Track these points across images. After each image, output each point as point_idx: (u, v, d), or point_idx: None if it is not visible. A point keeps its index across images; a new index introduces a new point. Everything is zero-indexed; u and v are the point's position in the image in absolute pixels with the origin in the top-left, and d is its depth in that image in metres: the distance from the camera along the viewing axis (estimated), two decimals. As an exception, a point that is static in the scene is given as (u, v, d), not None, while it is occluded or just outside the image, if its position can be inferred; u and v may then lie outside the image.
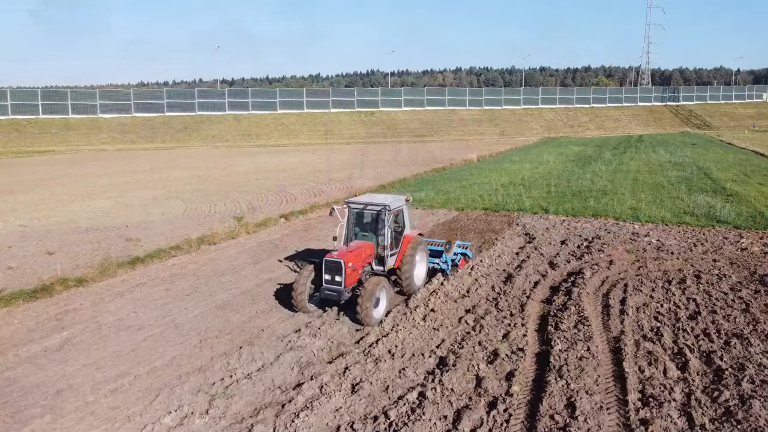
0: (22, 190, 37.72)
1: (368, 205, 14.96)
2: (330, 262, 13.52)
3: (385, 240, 14.65)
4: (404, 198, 15.71)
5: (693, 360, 11.03)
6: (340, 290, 13.46)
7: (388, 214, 14.50)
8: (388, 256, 14.78)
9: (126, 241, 22.19)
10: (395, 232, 15.26)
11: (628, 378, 10.31)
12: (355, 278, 13.89)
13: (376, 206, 14.75)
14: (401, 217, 15.53)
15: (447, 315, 13.89)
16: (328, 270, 13.56)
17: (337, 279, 13.45)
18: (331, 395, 9.88)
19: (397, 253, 15.11)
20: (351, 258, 13.65)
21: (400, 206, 15.25)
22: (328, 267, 13.57)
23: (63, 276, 16.96)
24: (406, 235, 15.45)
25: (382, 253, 14.76)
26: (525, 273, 17.11)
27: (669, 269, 17.49)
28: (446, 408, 9.46)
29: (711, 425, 8.87)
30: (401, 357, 11.53)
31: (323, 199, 32.26)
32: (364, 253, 14.25)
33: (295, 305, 13.90)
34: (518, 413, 9.35)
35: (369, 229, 15.23)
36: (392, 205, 14.67)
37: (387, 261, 14.81)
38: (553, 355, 11.26)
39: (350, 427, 9.00)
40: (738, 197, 29.59)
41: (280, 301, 15.32)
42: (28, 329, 13.48)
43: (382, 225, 14.65)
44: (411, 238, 15.41)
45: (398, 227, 15.48)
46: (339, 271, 13.39)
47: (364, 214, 15.33)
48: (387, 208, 14.45)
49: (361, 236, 15.21)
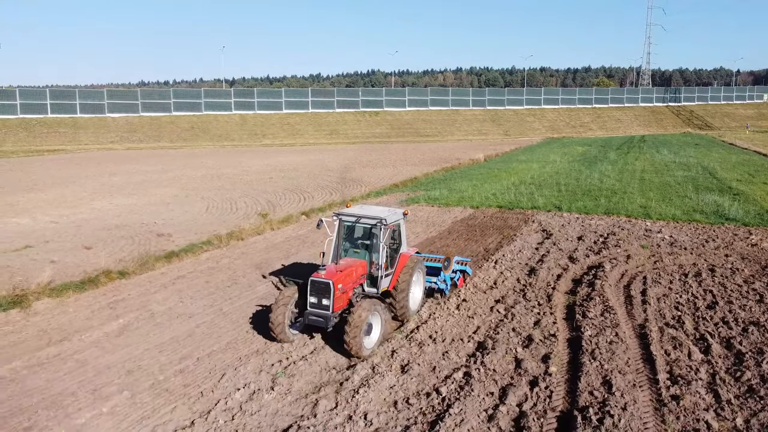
0: (41, 188, 38.49)
1: (361, 218, 13.14)
2: (317, 283, 11.86)
3: (380, 258, 13.00)
4: (402, 212, 14.10)
5: (714, 345, 11.86)
6: (327, 315, 11.74)
7: (384, 229, 12.75)
8: (382, 277, 13.12)
9: (157, 236, 23.00)
10: (390, 249, 13.58)
11: (656, 360, 11.14)
12: (345, 301, 12.23)
13: (371, 220, 12.97)
14: (398, 233, 13.83)
15: (479, 305, 14.72)
16: (315, 292, 11.90)
17: (325, 302, 11.80)
18: (384, 375, 10.71)
19: (393, 273, 13.48)
20: (341, 278, 12.00)
21: (397, 220, 13.58)
22: (314, 288, 11.90)
23: (107, 269, 17.78)
24: (403, 253, 13.78)
25: (376, 273, 13.11)
26: (547, 266, 17.96)
27: (684, 263, 18.33)
28: (492, 385, 10.30)
29: (736, 401, 9.70)
30: (442, 342, 12.36)
31: (339, 197, 33.09)
32: (355, 272, 12.61)
33: (273, 333, 11.94)
34: (559, 390, 10.18)
35: (361, 246, 13.55)
36: (388, 219, 12.95)
37: (381, 282, 13.13)
38: (584, 339, 12.09)
39: (406, 402, 9.83)
40: (744, 196, 30.42)
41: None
42: (85, 317, 14.30)
43: (377, 241, 12.98)
44: (408, 256, 13.76)
45: (394, 244, 13.79)
46: (327, 294, 11.75)
47: (356, 228, 13.58)
48: (383, 222, 12.74)
49: (352, 253, 13.54)
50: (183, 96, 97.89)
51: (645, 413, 9.31)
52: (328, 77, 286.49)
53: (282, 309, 11.92)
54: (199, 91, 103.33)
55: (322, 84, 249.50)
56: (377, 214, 13.15)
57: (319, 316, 11.82)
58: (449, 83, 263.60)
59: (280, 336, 11.98)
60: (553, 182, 37.61)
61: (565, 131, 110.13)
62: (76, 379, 10.96)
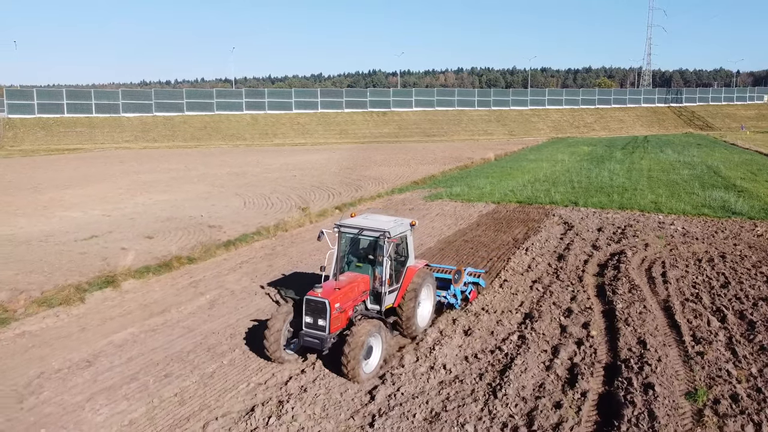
0: (77, 185, 40.36)
1: (364, 230, 12.31)
2: (312, 302, 11.15)
3: (384, 273, 12.17)
4: (409, 222, 13.16)
5: (729, 315, 13.80)
6: (323, 337, 11.05)
7: (388, 242, 11.95)
8: (386, 293, 12.30)
9: (209, 227, 24.93)
10: (396, 263, 12.80)
11: (681, 326, 13.08)
12: (343, 321, 11.51)
13: (374, 232, 12.16)
14: (404, 246, 13.01)
15: (519, 284, 16.66)
16: (310, 311, 11.20)
17: (320, 323, 11.11)
18: (452, 337, 12.65)
19: (398, 289, 12.65)
20: (339, 297, 11.30)
21: (403, 232, 12.76)
22: (309, 308, 11.20)
23: (177, 255, 19.71)
24: (410, 267, 12.95)
25: (379, 289, 12.30)
26: (574, 253, 19.90)
27: (697, 251, 20.27)
28: (544, 345, 12.24)
29: (751, 356, 11.62)
30: (494, 313, 14.30)
31: (366, 193, 34.99)
32: (356, 289, 11.92)
33: (268, 352, 11.30)
34: (601, 348, 12.12)
35: (364, 259, 12.80)
36: (393, 231, 12.15)
37: (385, 299, 12.33)
38: (617, 311, 14.03)
39: (475, 357, 11.77)
40: (748, 193, 32.35)
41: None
42: (173, 294, 16.24)
43: (381, 255, 12.15)
44: (415, 270, 12.93)
45: (400, 257, 12.96)
46: (323, 314, 11.06)
47: (359, 241, 12.79)
48: (387, 234, 11.91)
49: (354, 266, 12.83)
50: (195, 96, 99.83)
51: (676, 364, 11.25)
52: (329, 77, 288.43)
53: (277, 328, 11.23)
54: (210, 91, 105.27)
55: (324, 84, 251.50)
56: (381, 226, 12.27)
57: (314, 338, 11.08)
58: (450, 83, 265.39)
59: (275, 356, 11.32)
60: (565, 180, 39.53)
61: (569, 131, 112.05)
62: (189, 341, 12.90)
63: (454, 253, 20.63)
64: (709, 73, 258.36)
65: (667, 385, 10.21)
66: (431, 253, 20.70)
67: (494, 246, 21.59)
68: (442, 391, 10.36)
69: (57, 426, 9.50)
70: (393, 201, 32.83)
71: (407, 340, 12.86)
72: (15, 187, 39.38)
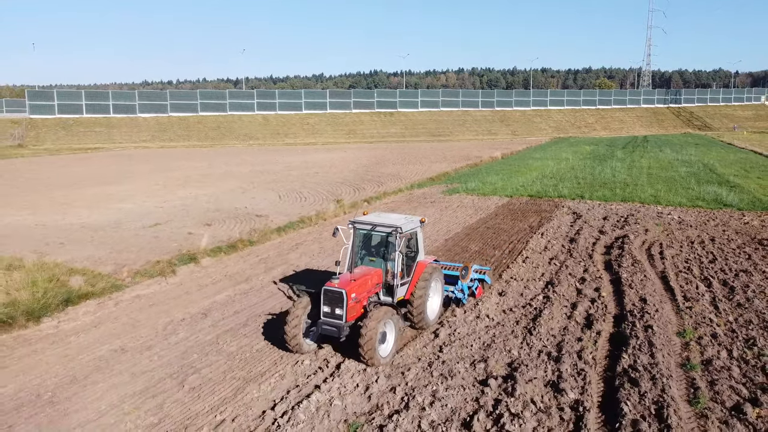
0: (113, 182, 43.29)
1: (377, 226, 13.25)
2: (330, 292, 11.94)
3: (395, 267, 13.00)
4: (419, 219, 14.10)
5: (714, 282, 16.84)
6: (340, 325, 11.79)
7: (400, 237, 12.81)
8: (398, 286, 13.12)
9: (256, 216, 27.96)
10: (407, 257, 13.65)
11: (674, 289, 16.12)
12: (358, 311, 12.25)
13: (386, 228, 13.07)
14: (414, 240, 13.91)
15: (538, 260, 19.70)
16: (328, 301, 11.96)
17: (338, 312, 11.85)
18: (489, 297, 15.71)
19: (409, 282, 13.53)
20: (354, 288, 12.09)
21: (413, 228, 13.57)
22: (327, 297, 11.96)
23: (240, 238, 22.76)
24: (420, 262, 13.83)
25: (391, 282, 13.12)
26: (583, 237, 22.95)
27: (690, 235, 23.30)
28: (564, 302, 15.29)
29: (729, 309, 14.63)
30: (521, 281, 17.35)
31: (388, 188, 37.98)
32: (370, 281, 12.69)
33: (288, 343, 12.08)
34: (610, 304, 15.17)
35: (377, 254, 13.69)
36: (404, 227, 12.98)
37: (397, 291, 13.16)
38: (622, 279, 17.07)
39: (510, 310, 14.81)
40: (740, 188, 35.38)
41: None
42: (248, 268, 19.28)
43: (392, 250, 13.04)
44: (425, 264, 13.78)
45: (410, 252, 13.83)
46: (340, 303, 11.81)
47: (372, 236, 13.70)
48: (398, 230, 12.80)
49: (367, 261, 13.67)
50: (209, 97, 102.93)
51: (669, 314, 14.30)
52: (330, 77, 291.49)
53: (296, 320, 11.98)
54: (224, 92, 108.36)
55: (326, 84, 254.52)
56: (393, 222, 13.20)
57: (332, 326, 11.82)
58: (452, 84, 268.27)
59: (295, 347, 12.09)
60: (571, 176, 42.58)
61: (571, 131, 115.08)
62: (277, 301, 15.94)
63: (479, 237, 23.69)
64: (708, 73, 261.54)
65: (662, 327, 13.26)
66: (458, 237, 23.75)
67: (513, 231, 24.64)
68: (489, 331, 13.41)
69: (202, 353, 12.54)
70: (414, 195, 35.86)
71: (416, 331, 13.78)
72: (58, 183, 42.39)
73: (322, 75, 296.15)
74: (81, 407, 10.22)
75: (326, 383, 10.87)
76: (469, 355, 12.10)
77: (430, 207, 31.17)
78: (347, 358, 11.89)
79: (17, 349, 12.75)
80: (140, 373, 11.57)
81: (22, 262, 17.94)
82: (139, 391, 10.80)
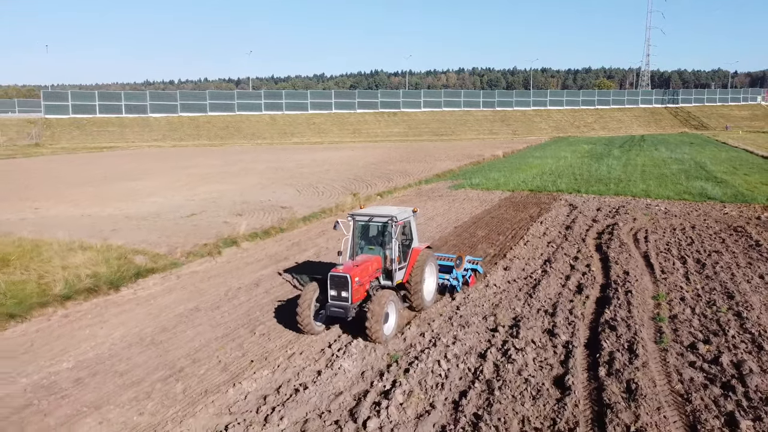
0: (137, 178, 46.06)
1: (374, 217, 14.59)
2: (335, 277, 13.15)
3: (393, 253, 14.29)
4: (411, 209, 15.51)
5: (689, 260, 19.59)
6: (347, 306, 13.02)
7: (395, 225, 14.11)
8: (396, 270, 14.40)
9: (282, 208, 30.71)
10: (403, 245, 14.90)
11: (654, 265, 18.86)
12: (362, 294, 13.52)
13: (382, 218, 14.40)
14: (408, 229, 15.18)
15: (538, 243, 22.46)
16: (334, 285, 13.19)
17: (344, 295, 13.08)
18: (496, 270, 18.49)
19: (406, 266, 14.79)
20: (357, 273, 13.30)
21: (407, 217, 14.89)
22: (333, 282, 13.20)
23: (272, 225, 25.53)
24: (415, 248, 15.11)
25: (390, 267, 14.40)
26: (578, 224, 25.70)
27: (674, 224, 26.04)
28: (559, 274, 18.05)
29: (698, 281, 17.36)
30: (523, 259, 20.11)
31: (398, 184, 40.72)
32: (371, 267, 13.96)
33: (300, 325, 13.33)
34: (598, 276, 17.93)
35: (375, 242, 14.96)
36: (399, 217, 14.28)
37: (395, 275, 14.46)
38: (610, 257, 19.82)
39: (514, 281, 17.57)
40: (726, 183, 38.12)
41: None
42: (284, 250, 22.05)
43: (389, 237, 14.35)
44: (419, 251, 15.10)
45: (406, 240, 15.15)
46: (345, 287, 13.03)
47: (369, 227, 15.02)
48: (394, 219, 14.10)
49: (367, 250, 14.91)
50: (218, 97, 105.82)
51: (647, 283, 17.07)
52: (332, 77, 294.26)
53: (307, 304, 13.20)
54: (232, 92, 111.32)
55: (327, 84, 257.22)
56: (388, 213, 14.52)
57: (339, 308, 13.06)
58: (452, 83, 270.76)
59: (307, 328, 13.33)
60: (569, 173, 45.35)
61: (570, 131, 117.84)
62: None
63: (485, 225, 26.45)
64: (707, 73, 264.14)
65: (640, 292, 16.03)
66: (466, 225, 26.50)
67: (515, 220, 27.40)
68: (497, 296, 16.18)
69: (262, 311, 15.30)
70: (423, 190, 38.63)
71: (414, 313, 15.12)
72: (86, 179, 45.15)
73: (323, 75, 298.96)
74: (178, 346, 12.98)
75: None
76: (481, 312, 14.86)
77: (438, 200, 33.94)
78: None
79: (110, 309, 15.53)
80: (216, 324, 14.34)
81: (90, 244, 20.71)
82: (220, 336, 13.56)
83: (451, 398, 10.34)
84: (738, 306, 14.77)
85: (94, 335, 13.64)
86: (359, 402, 10.18)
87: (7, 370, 11.70)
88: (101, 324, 14.41)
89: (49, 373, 11.62)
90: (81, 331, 13.89)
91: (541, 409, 9.94)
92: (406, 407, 9.93)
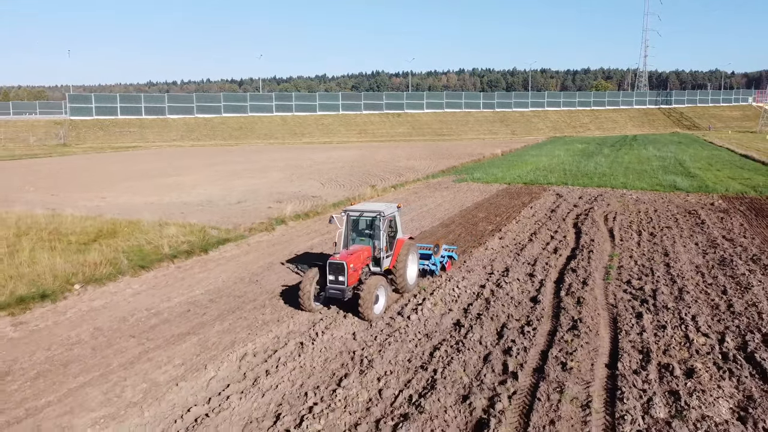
0: (172, 174, 51.55)
1: (364, 213, 16.57)
2: (334, 264, 14.99)
3: (381, 243, 16.17)
4: (396, 205, 17.46)
5: (644, 233, 25.09)
6: (343, 289, 14.86)
7: (383, 219, 16.02)
8: (383, 258, 16.32)
9: (312, 197, 36.23)
10: (389, 236, 16.73)
11: (615, 236, 24.37)
12: (356, 278, 15.31)
13: (372, 213, 16.37)
14: (394, 222, 17.08)
15: (527, 222, 27.96)
16: (332, 271, 15.02)
17: (341, 279, 14.88)
18: (492, 240, 24.02)
19: (392, 255, 16.74)
20: (352, 260, 15.11)
21: (392, 213, 16.87)
22: (332, 268, 15.02)
23: (310, 209, 31.05)
24: (399, 239, 17.06)
25: (379, 255, 16.27)
26: (561, 209, 31.22)
27: (640, 208, 31.53)
28: (541, 242, 23.55)
29: (647, 246, 22.85)
30: (514, 233, 25.62)
31: (408, 178, 46.18)
32: (362, 255, 15.75)
33: (302, 304, 15.25)
34: (571, 242, 23.45)
35: (365, 234, 16.76)
36: (386, 212, 16.23)
37: (383, 262, 16.36)
38: (582, 231, 25.32)
39: (506, 246, 23.07)
40: (696, 177, 43.58)
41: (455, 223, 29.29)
42: (324, 226, 27.47)
43: (378, 230, 16.17)
44: (403, 241, 17.00)
45: (392, 232, 16.97)
46: (342, 272, 14.86)
47: (360, 221, 16.83)
48: (381, 214, 16.05)
49: (358, 241, 16.77)
50: (231, 99, 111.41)
51: (607, 246, 22.59)
52: (333, 78, 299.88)
53: (308, 284, 15.18)
54: (245, 95, 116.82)
55: (328, 85, 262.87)
56: (377, 208, 16.52)
57: (337, 290, 15.01)
58: (453, 84, 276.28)
59: (307, 306, 15.27)
60: (560, 169, 50.86)
61: (567, 131, 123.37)
62: (353, 243, 24.17)
63: (485, 209, 31.96)
64: (705, 74, 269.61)
65: (600, 252, 21.56)
66: (470, 209, 32.00)
67: (510, 206, 32.91)
68: (493, 255, 21.70)
69: (321, 265, 20.80)
70: (431, 183, 44.14)
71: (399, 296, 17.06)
72: (127, 175, 50.69)
73: (324, 76, 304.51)
74: (269, 283, 18.48)
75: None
76: (482, 264, 20.39)
77: (444, 191, 39.46)
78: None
79: (208, 264, 21.05)
80: (290, 273, 19.84)
81: (173, 222, 26.22)
82: (295, 279, 19.05)
83: (462, 306, 15.89)
84: (669, 260, 20.31)
85: (207, 277, 19.18)
86: (404, 306, 15.76)
87: (161, 295, 17.24)
88: (207, 272, 19.95)
89: (190, 296, 17.17)
90: (197, 275, 19.45)
91: (521, 311, 15.47)
92: (434, 309, 15.50)
